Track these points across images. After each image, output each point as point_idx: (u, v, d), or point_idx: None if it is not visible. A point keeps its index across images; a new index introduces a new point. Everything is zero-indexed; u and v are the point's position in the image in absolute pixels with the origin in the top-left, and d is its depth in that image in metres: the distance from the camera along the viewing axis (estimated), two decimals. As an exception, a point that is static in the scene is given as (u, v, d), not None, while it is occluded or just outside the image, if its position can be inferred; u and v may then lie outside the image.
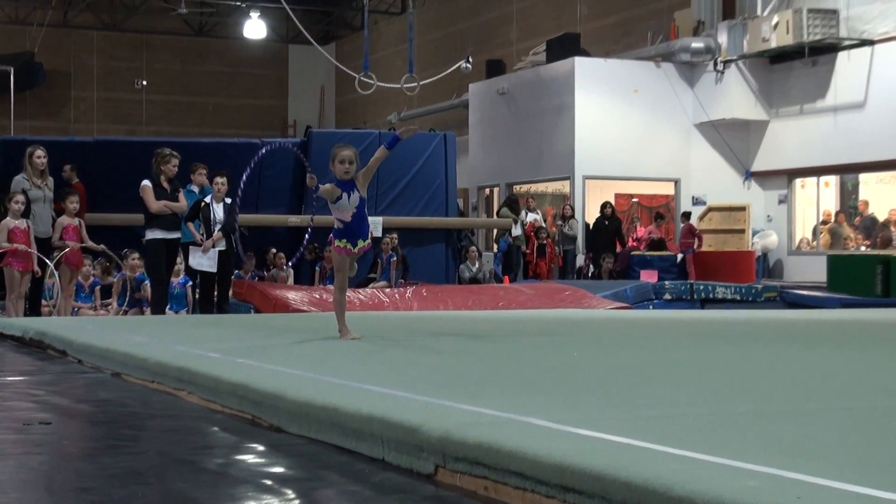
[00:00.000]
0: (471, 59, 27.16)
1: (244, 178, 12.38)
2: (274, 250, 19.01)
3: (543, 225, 23.84)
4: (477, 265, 21.20)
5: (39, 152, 13.54)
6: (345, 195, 7.94)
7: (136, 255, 15.49)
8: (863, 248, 22.76)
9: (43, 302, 13.98)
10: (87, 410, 5.79)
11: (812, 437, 3.74)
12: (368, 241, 8.24)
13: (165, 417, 5.46)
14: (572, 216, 23.75)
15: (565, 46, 25.99)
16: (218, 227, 13.64)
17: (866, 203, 23.46)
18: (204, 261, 13.61)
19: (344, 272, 8.28)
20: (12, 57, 36.52)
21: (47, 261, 13.35)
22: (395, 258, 19.04)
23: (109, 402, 5.99)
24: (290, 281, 18.41)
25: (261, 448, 4.54)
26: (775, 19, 22.93)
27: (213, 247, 13.56)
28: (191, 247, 13.64)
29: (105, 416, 5.54)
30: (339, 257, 8.18)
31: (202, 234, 13.61)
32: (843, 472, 3.06)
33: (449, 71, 27.29)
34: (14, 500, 3.59)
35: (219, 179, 13.82)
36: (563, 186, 25.89)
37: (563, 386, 5.37)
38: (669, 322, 11.45)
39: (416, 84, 24.04)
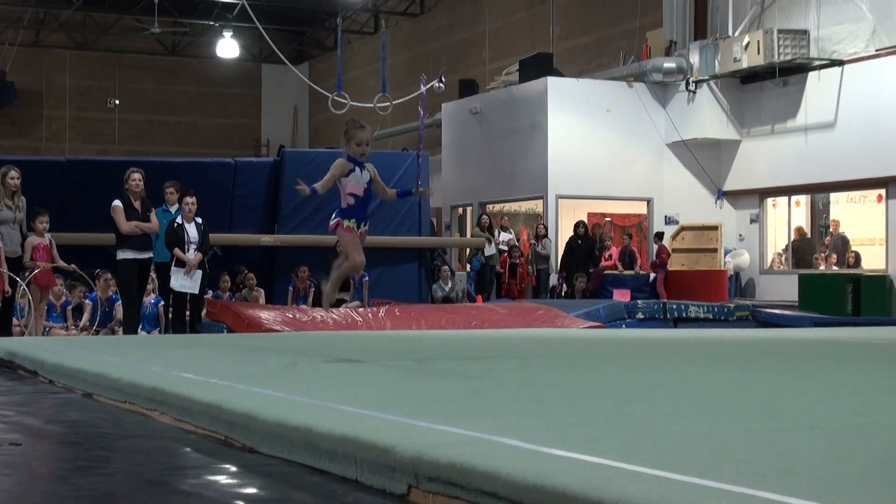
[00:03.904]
0: (444, 79, 27.21)
1: None
2: (244, 268, 18.98)
3: (517, 244, 23.88)
4: (450, 284, 21.20)
5: (13, 173, 13.38)
6: (357, 169, 7.93)
7: (108, 274, 15.43)
8: (834, 268, 22.88)
9: (14, 321, 13.90)
10: (58, 431, 5.75)
11: (784, 457, 3.75)
12: (367, 227, 8.12)
13: (137, 438, 5.43)
14: (545, 235, 23.80)
15: (538, 66, 26.06)
16: (193, 246, 13.63)
17: (837, 223, 23.59)
18: (187, 282, 13.62)
19: (352, 250, 8.00)
20: (-17, 76, 36.45)
21: (19, 280, 13.28)
22: (366, 278, 19.01)
23: (80, 422, 5.95)
24: (263, 301, 18.36)
25: (233, 469, 4.53)
26: (746, 40, 23.06)
27: (198, 268, 13.59)
28: (173, 269, 13.62)
29: (76, 436, 5.51)
30: (349, 236, 7.98)
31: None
32: (816, 492, 3.07)
33: (422, 90, 27.33)
34: (-16, 522, 3.56)
35: (188, 199, 13.80)
36: (536, 206, 25.93)
37: (537, 405, 5.37)
38: (642, 341, 11.48)
39: (389, 103, 24.07)
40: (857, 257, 22.65)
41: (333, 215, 8.07)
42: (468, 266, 24.16)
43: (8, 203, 13.30)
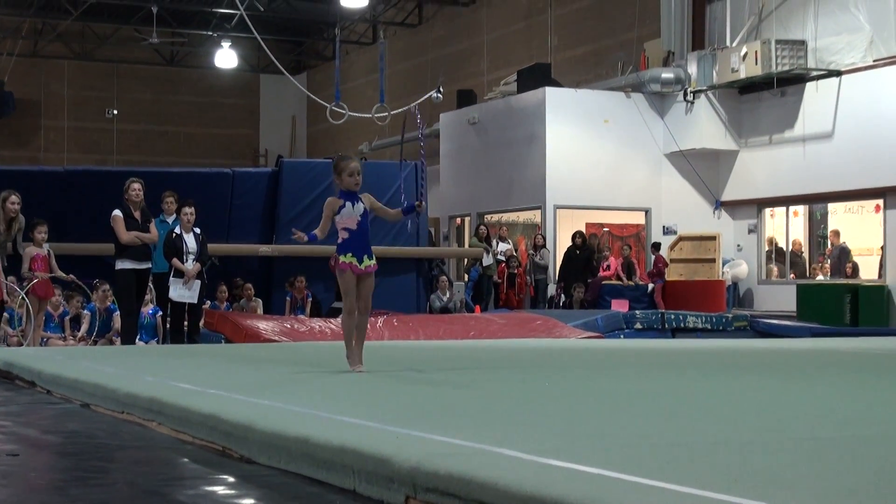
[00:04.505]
0: (441, 89, 27.22)
1: None
2: (240, 280, 18.96)
3: (515, 254, 23.87)
4: (448, 295, 21.19)
5: (14, 198, 13.32)
6: (349, 204, 7.90)
7: (106, 285, 15.42)
8: (820, 277, 22.90)
9: (11, 332, 13.89)
10: (56, 441, 5.75)
11: (780, 467, 3.75)
12: (374, 261, 8.04)
13: (135, 448, 5.43)
14: (544, 245, 23.79)
15: (536, 76, 26.08)
16: (191, 257, 13.61)
17: (837, 233, 23.58)
18: (185, 292, 13.61)
19: (352, 294, 7.96)
20: (-18, 86, 36.46)
21: (18, 289, 13.28)
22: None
23: (78, 433, 5.95)
24: (261, 311, 18.35)
25: (231, 479, 4.52)
26: (744, 50, 23.08)
27: (196, 278, 13.58)
28: (171, 279, 13.61)
29: (74, 447, 5.51)
30: (346, 276, 7.92)
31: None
32: (811, 503, 3.07)
33: (420, 101, 27.34)
34: (-19, 532, 3.56)
35: (186, 209, 13.78)
36: (534, 216, 25.94)
37: (535, 416, 5.37)
38: (640, 351, 11.48)
39: (387, 114, 24.08)
40: (855, 267, 22.67)
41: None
42: (466, 276, 24.15)
43: (2, 229, 13.21)
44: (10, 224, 13.25)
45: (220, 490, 4.35)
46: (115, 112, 40.21)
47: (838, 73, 22.25)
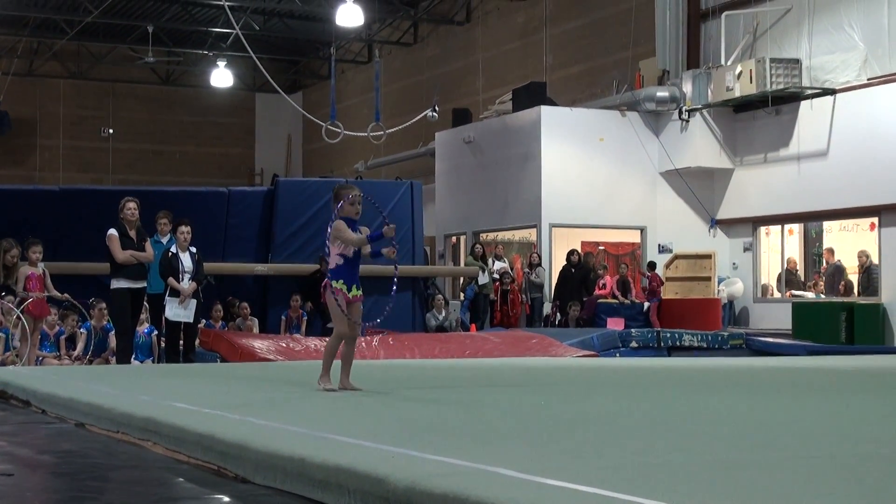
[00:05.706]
0: (437, 108, 27.25)
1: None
2: (230, 298, 18.91)
3: (510, 271, 23.88)
4: (444, 313, 21.18)
5: (15, 251, 13.38)
6: (350, 230, 8.04)
7: (103, 304, 15.39)
8: (822, 296, 22.90)
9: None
10: (51, 461, 5.73)
11: (778, 486, 3.75)
12: (361, 292, 8.11)
13: (130, 468, 5.42)
14: (539, 264, 23.80)
15: (531, 95, 26.11)
16: (188, 276, 13.60)
17: (831, 251, 23.60)
18: (181, 311, 13.60)
19: (343, 322, 8.03)
20: (-22, 105, 36.47)
21: (13, 307, 13.27)
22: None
23: (73, 452, 5.93)
24: (256, 330, 18.33)
25: (226, 499, 4.51)
26: (739, 69, 23.13)
27: (192, 297, 13.57)
28: (167, 298, 13.60)
29: (68, 467, 5.49)
30: (335, 302, 7.98)
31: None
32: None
33: (415, 119, 27.38)
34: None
35: (183, 228, 13.78)
36: (529, 234, 25.95)
37: (530, 435, 5.36)
38: (636, 370, 11.47)
39: (382, 132, 24.11)
40: (849, 285, 22.68)
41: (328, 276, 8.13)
42: (462, 295, 24.14)
43: (0, 278, 13.34)
44: (10, 271, 13.34)
45: (216, 510, 4.35)
46: (111, 131, 40.24)
47: (833, 92, 22.30)
